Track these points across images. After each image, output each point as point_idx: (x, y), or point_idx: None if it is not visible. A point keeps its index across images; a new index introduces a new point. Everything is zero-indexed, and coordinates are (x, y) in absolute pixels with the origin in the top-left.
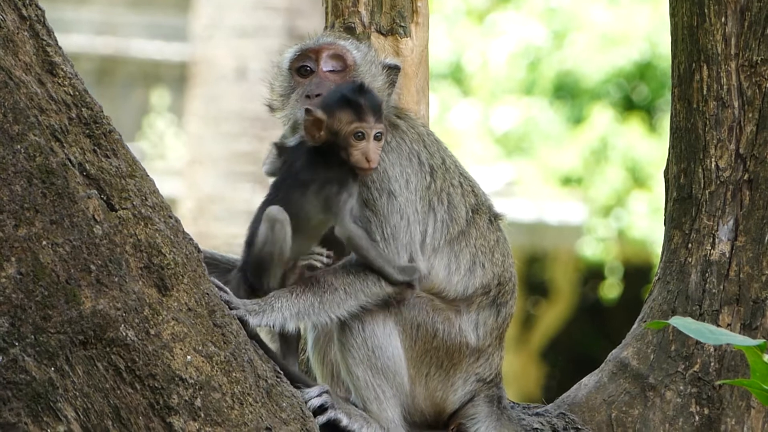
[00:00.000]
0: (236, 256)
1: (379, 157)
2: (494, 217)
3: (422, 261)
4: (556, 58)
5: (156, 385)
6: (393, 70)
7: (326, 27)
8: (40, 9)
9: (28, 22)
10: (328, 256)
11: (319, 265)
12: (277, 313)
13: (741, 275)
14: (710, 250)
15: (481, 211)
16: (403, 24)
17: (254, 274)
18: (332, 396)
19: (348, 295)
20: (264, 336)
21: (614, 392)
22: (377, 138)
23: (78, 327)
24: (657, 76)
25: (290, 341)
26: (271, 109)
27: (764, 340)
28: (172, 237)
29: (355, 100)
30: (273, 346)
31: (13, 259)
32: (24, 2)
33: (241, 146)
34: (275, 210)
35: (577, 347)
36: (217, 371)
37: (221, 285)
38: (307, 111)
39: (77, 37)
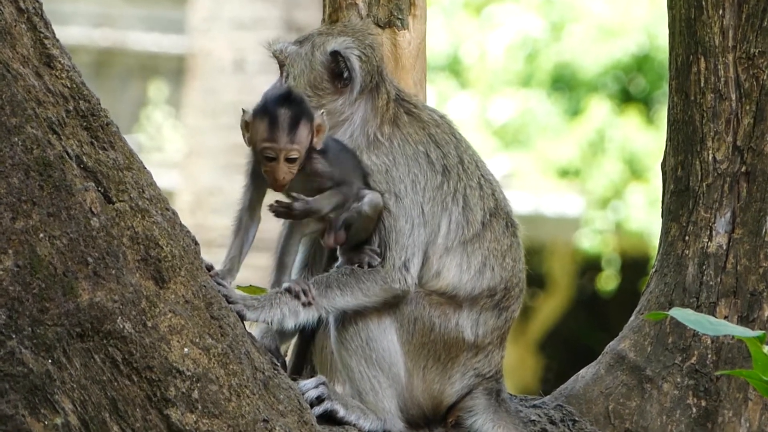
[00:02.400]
0: None
1: (288, 179)
2: (511, 223)
3: (415, 266)
4: (553, 50)
5: (153, 377)
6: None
7: (323, 19)
8: (37, 1)
9: (25, 15)
10: (374, 252)
11: (368, 260)
12: (275, 309)
13: (738, 268)
14: (707, 243)
15: (499, 216)
16: (400, 16)
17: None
18: (329, 387)
19: (344, 294)
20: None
21: (611, 384)
22: (289, 161)
23: (75, 319)
24: (654, 68)
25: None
26: None
27: (764, 332)
28: (169, 229)
29: (273, 113)
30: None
31: (10, 251)
32: None
33: (238, 139)
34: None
35: (575, 339)
36: (214, 363)
37: (220, 280)
38: (244, 111)
39: (75, 30)
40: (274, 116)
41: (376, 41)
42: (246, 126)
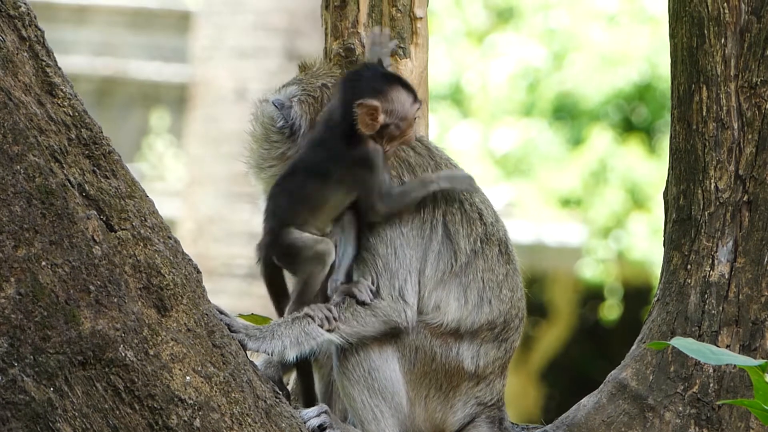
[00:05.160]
0: None
1: None
2: (505, 249)
3: (412, 295)
4: (555, 79)
5: (155, 405)
6: None
7: (325, 48)
8: (39, 30)
9: (27, 43)
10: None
11: (360, 294)
12: (276, 340)
13: (740, 297)
14: (709, 272)
15: (491, 242)
16: (402, 45)
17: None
18: (331, 416)
19: (348, 325)
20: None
21: (613, 413)
22: None
23: (77, 347)
24: (656, 97)
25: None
26: None
27: (766, 361)
28: (171, 258)
29: (401, 80)
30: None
31: (12, 279)
32: (24, 23)
33: (240, 167)
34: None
35: (577, 368)
36: (216, 392)
37: (222, 309)
38: (360, 105)
39: (77, 58)
40: (404, 81)
41: (335, 80)
42: (372, 113)
